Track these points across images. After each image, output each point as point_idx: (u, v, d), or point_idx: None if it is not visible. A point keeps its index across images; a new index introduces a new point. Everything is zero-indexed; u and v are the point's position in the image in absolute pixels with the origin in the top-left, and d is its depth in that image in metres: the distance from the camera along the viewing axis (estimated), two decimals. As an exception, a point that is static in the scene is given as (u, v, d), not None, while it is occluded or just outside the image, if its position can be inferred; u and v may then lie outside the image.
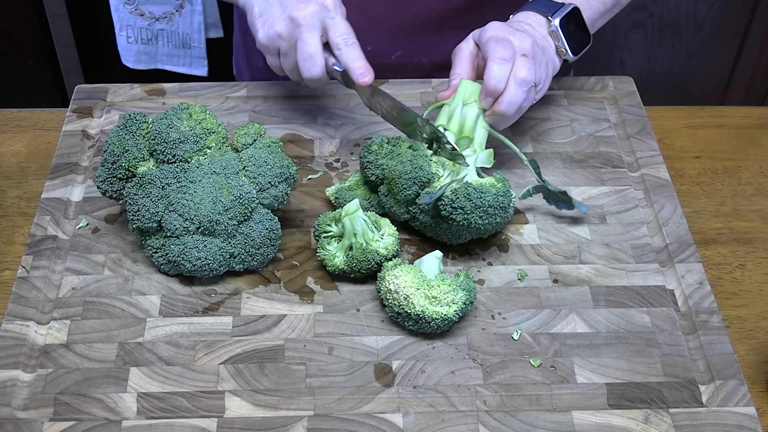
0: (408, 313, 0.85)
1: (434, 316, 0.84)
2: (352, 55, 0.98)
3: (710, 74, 2.17)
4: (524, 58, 0.97)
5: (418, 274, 0.87)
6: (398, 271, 0.87)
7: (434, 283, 0.86)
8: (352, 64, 0.98)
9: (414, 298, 0.85)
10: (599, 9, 1.09)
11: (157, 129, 0.91)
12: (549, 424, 0.81)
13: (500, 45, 0.97)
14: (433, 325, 0.85)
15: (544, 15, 1.05)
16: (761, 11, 2.04)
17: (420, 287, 0.85)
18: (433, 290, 0.85)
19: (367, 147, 0.97)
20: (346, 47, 0.99)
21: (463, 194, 0.90)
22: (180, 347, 0.87)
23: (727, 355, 0.87)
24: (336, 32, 0.99)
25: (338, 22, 0.99)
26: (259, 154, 0.92)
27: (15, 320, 0.88)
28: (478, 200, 0.89)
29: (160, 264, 0.92)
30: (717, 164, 1.12)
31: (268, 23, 1.00)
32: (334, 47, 0.99)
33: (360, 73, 0.98)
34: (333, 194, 0.99)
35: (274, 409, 0.82)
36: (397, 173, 0.93)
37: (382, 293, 0.88)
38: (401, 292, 0.85)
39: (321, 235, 0.93)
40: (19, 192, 1.07)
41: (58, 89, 2.09)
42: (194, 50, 1.85)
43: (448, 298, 0.85)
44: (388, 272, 0.88)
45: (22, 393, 0.83)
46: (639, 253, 0.97)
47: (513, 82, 0.96)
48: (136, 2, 1.79)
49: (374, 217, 0.94)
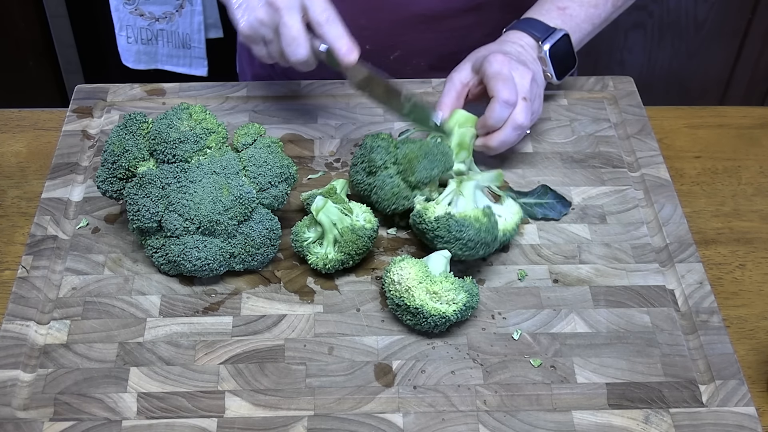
0: (407, 305, 0.85)
1: (432, 312, 0.84)
2: (335, 32, 0.97)
3: (710, 74, 2.18)
4: (524, 102, 1.00)
5: (423, 269, 0.87)
6: (405, 263, 0.87)
7: (437, 279, 0.86)
8: (335, 42, 0.97)
9: (415, 290, 0.85)
10: (587, 30, 1.11)
11: (157, 129, 0.91)
12: (549, 424, 0.81)
13: (506, 86, 0.98)
14: (431, 321, 0.85)
15: (536, 39, 1.06)
16: (761, 11, 2.04)
17: (423, 281, 0.86)
18: (435, 286, 0.85)
19: (375, 135, 0.99)
20: (328, 24, 0.97)
21: (443, 225, 0.90)
22: (180, 347, 0.87)
23: (727, 355, 0.87)
24: (315, 10, 0.97)
25: (318, 2, 0.97)
26: (259, 154, 0.92)
27: (15, 320, 0.88)
28: (457, 233, 0.89)
29: (160, 264, 0.92)
30: (717, 164, 1.12)
31: (248, 12, 0.99)
32: (315, 26, 0.97)
33: (344, 51, 0.97)
34: (306, 199, 0.97)
35: (274, 409, 0.82)
36: (422, 152, 0.95)
37: (385, 285, 0.88)
38: (404, 283, 0.86)
39: (303, 245, 0.93)
40: (19, 192, 1.07)
41: (58, 89, 2.09)
42: (194, 50, 1.85)
43: (449, 296, 0.85)
44: (395, 264, 0.88)
45: (23, 393, 0.83)
46: (639, 253, 0.97)
47: (510, 126, 1.00)
48: (136, 2, 1.79)
49: (341, 204, 0.94)
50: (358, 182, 0.98)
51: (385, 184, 0.95)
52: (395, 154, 0.97)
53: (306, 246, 0.93)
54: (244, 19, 0.99)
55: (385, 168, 0.96)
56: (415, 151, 0.95)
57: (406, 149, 0.96)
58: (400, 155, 0.96)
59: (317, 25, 0.97)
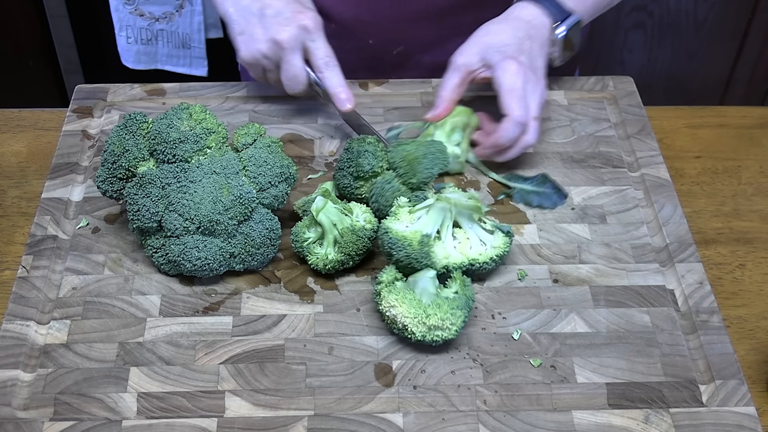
0: (408, 337, 0.85)
1: (435, 339, 0.84)
2: (334, 80, 1.03)
3: (710, 74, 2.17)
4: (535, 123, 1.00)
5: (414, 302, 0.84)
6: (392, 299, 0.85)
7: (431, 311, 0.84)
8: (333, 89, 1.03)
9: (412, 327, 0.84)
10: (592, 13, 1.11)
11: (157, 129, 0.91)
12: (549, 424, 0.81)
13: (520, 105, 0.98)
14: (435, 344, 0.85)
15: (551, 18, 1.04)
16: (761, 11, 2.04)
17: (417, 316, 0.84)
18: (431, 319, 0.83)
19: (360, 139, 0.98)
20: (328, 71, 1.03)
21: (382, 236, 0.89)
22: (180, 347, 0.87)
23: (727, 355, 0.87)
24: (317, 55, 1.03)
25: (319, 44, 1.03)
26: (259, 154, 0.92)
27: (15, 320, 0.88)
28: (389, 249, 0.89)
29: (160, 264, 0.92)
30: (717, 164, 1.12)
31: (251, 43, 1.03)
32: (315, 69, 1.04)
33: (341, 99, 1.03)
34: (300, 207, 0.97)
35: (274, 408, 0.82)
36: (421, 152, 0.95)
37: (379, 308, 0.87)
38: (399, 321, 0.84)
39: (303, 245, 0.93)
40: (19, 192, 1.07)
41: (58, 89, 2.09)
42: (194, 50, 1.85)
43: (446, 323, 0.84)
44: (385, 295, 0.86)
45: (23, 393, 0.83)
46: (639, 253, 0.97)
47: (519, 147, 1.01)
48: (136, 2, 1.79)
49: (341, 204, 0.94)
50: (345, 186, 0.98)
51: (385, 191, 0.95)
52: (384, 159, 0.97)
53: (306, 246, 0.93)
54: (246, 48, 1.04)
55: (377, 174, 0.96)
56: (413, 152, 0.95)
57: (403, 152, 0.96)
58: (397, 158, 0.96)
59: (317, 70, 1.04)
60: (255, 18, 1.03)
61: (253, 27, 1.03)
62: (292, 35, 1.01)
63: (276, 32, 1.01)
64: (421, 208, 0.91)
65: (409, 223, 0.90)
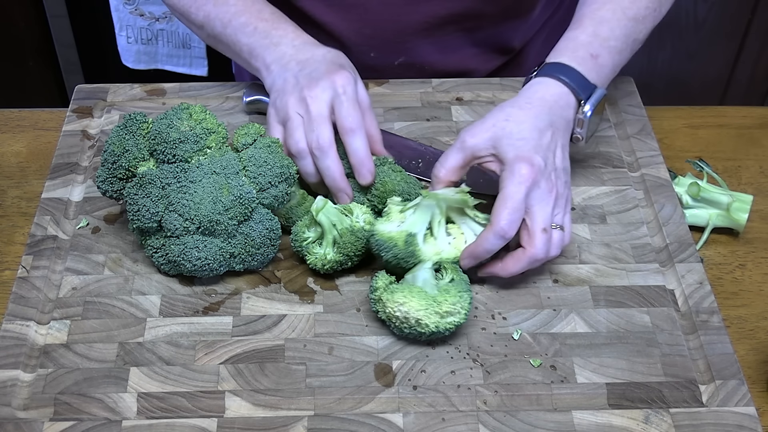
0: (421, 332, 0.85)
1: (448, 326, 0.84)
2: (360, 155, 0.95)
3: (710, 74, 2.17)
4: (543, 235, 0.89)
5: (421, 294, 0.84)
6: (399, 297, 0.84)
7: (441, 298, 0.84)
8: (357, 165, 0.95)
9: (426, 319, 0.84)
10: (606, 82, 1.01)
11: (157, 129, 0.91)
12: (549, 424, 0.81)
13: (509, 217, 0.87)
14: (446, 333, 0.85)
15: (577, 97, 0.95)
16: (761, 11, 2.04)
17: (429, 307, 0.84)
18: (443, 305, 0.84)
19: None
20: (352, 137, 0.95)
21: (371, 239, 0.90)
22: (180, 347, 0.87)
23: (727, 355, 0.87)
24: (343, 117, 0.96)
25: (347, 107, 0.95)
26: (259, 154, 0.92)
27: (15, 320, 0.88)
28: (377, 249, 0.89)
29: (160, 264, 0.92)
30: (717, 164, 1.12)
31: (281, 97, 0.99)
32: (340, 130, 0.96)
33: (363, 173, 0.95)
34: (284, 215, 0.97)
35: (274, 409, 0.82)
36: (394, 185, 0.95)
37: (381, 315, 0.87)
38: (411, 316, 0.84)
39: (302, 245, 0.93)
40: (19, 192, 1.07)
41: (58, 89, 2.09)
42: (194, 50, 1.85)
43: (457, 306, 0.84)
44: (388, 297, 0.85)
45: (23, 393, 0.83)
46: (639, 253, 0.97)
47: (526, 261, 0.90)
48: (136, 2, 1.79)
49: (341, 204, 0.94)
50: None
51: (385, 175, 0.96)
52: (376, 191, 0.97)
53: (305, 246, 0.93)
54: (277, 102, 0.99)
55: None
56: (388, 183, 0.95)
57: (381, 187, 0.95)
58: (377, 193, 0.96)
59: (342, 132, 0.96)
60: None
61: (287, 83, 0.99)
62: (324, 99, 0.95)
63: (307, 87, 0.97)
64: (409, 207, 0.91)
65: (399, 222, 0.91)
